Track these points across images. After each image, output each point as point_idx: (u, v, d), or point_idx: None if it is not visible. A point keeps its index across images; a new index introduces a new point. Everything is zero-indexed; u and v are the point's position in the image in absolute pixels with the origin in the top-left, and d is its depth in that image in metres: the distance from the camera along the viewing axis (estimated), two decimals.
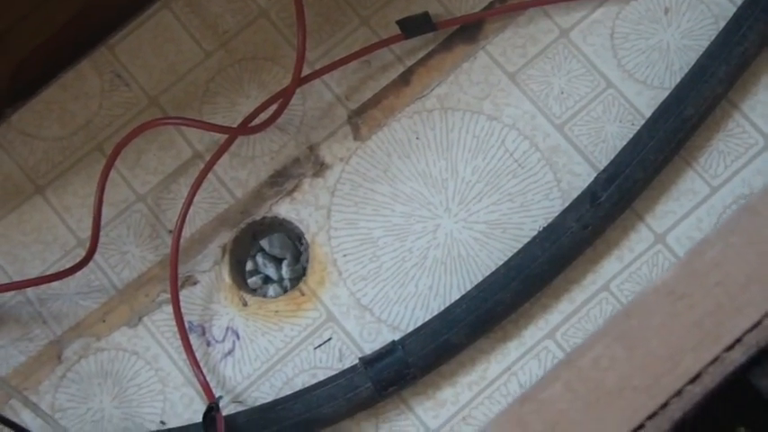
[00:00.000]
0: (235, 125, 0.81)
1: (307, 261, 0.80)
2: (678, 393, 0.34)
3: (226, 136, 0.80)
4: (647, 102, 0.80)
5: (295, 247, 0.82)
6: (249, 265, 0.81)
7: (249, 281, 0.81)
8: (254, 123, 0.80)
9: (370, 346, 0.77)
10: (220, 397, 0.74)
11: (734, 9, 0.80)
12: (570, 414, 0.35)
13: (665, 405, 0.34)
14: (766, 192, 0.37)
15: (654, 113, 0.78)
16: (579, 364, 0.35)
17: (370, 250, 0.79)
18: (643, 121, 0.79)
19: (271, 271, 0.81)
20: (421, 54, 0.83)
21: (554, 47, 0.82)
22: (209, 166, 0.79)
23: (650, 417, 0.35)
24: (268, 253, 0.81)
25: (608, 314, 0.76)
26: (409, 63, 0.83)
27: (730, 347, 0.34)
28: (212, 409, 0.72)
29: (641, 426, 0.34)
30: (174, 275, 0.77)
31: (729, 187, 0.78)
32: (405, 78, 0.83)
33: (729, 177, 0.78)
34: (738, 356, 0.34)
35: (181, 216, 0.78)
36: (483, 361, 0.76)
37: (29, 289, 0.79)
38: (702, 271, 0.35)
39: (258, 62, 0.84)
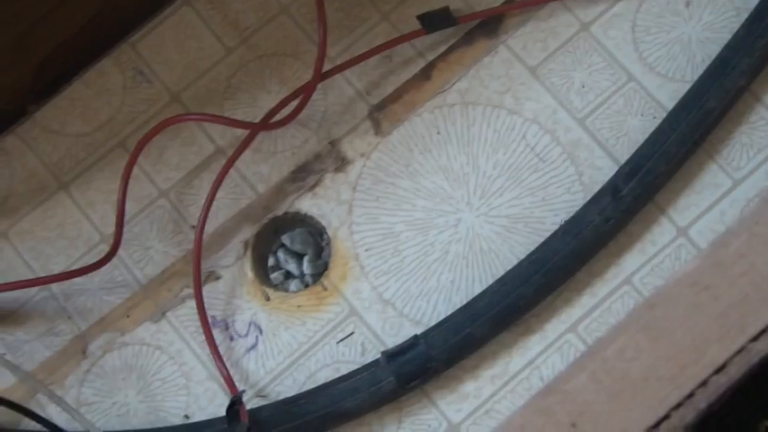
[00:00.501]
0: (256, 121, 0.81)
1: (329, 256, 0.80)
2: (703, 383, 0.34)
3: (247, 131, 0.80)
4: (669, 95, 0.80)
5: (316, 242, 0.82)
6: (271, 261, 0.82)
7: (271, 276, 0.81)
8: (275, 119, 0.80)
9: (393, 340, 0.77)
10: (243, 391, 0.74)
11: (756, 1, 0.79)
12: (595, 404, 0.35)
13: (690, 395, 0.35)
14: None
15: (676, 106, 0.78)
16: (604, 354, 0.36)
17: (392, 245, 0.79)
18: (665, 115, 0.78)
19: (292, 267, 0.81)
20: (441, 49, 0.83)
21: (575, 41, 0.82)
22: (231, 162, 0.79)
23: (675, 407, 0.35)
24: (289, 249, 0.82)
25: (630, 308, 0.76)
26: (430, 58, 0.83)
27: (756, 338, 0.34)
28: (236, 403, 0.72)
29: (667, 416, 0.34)
30: (197, 271, 0.77)
31: (752, 180, 0.77)
32: (425, 73, 0.83)
33: (753, 170, 0.78)
34: (764, 347, 0.34)
35: (204, 211, 0.78)
36: (505, 355, 0.76)
37: (54, 284, 0.80)
38: (727, 262, 0.35)
39: (279, 58, 0.84)
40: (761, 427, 0.66)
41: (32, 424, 0.75)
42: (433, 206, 0.80)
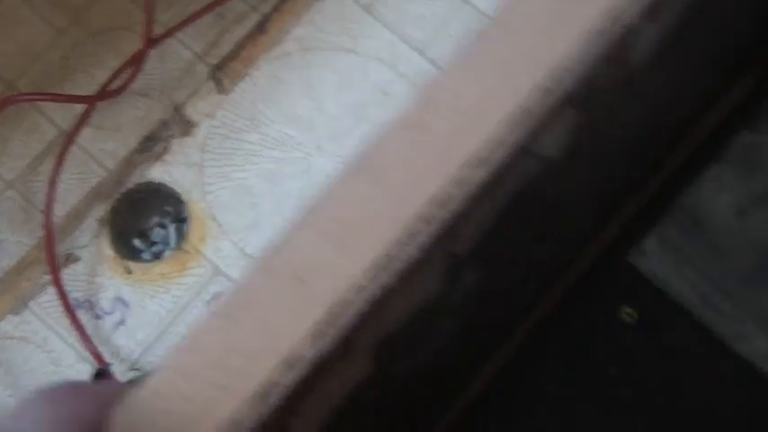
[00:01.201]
0: None
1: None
2: (426, 219, 0.34)
3: (85, 107, 0.78)
4: None
5: None
6: None
7: None
8: (110, 89, 0.79)
9: None
10: (111, 364, 0.73)
11: None
12: (320, 256, 0.35)
13: (413, 233, 0.34)
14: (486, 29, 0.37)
15: None
16: (325, 206, 0.35)
17: (248, 199, 0.78)
18: None
19: None
20: (274, 0, 0.83)
21: None
22: (69, 139, 0.77)
23: (399, 244, 0.35)
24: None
25: None
26: (263, 10, 0.82)
27: (471, 167, 0.34)
28: (101, 375, 0.71)
29: (388, 254, 0.34)
30: (50, 255, 0.76)
31: None
32: (261, 26, 0.82)
33: None
34: (483, 174, 0.34)
35: (48, 194, 0.76)
36: None
37: None
38: (436, 97, 0.35)
39: (113, 32, 0.83)
40: (621, 312, 0.67)
41: None
42: (283, 155, 0.79)
